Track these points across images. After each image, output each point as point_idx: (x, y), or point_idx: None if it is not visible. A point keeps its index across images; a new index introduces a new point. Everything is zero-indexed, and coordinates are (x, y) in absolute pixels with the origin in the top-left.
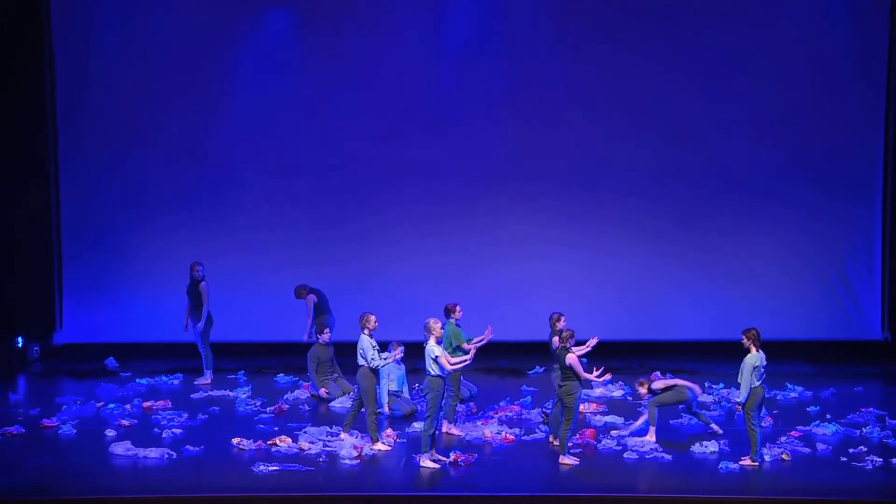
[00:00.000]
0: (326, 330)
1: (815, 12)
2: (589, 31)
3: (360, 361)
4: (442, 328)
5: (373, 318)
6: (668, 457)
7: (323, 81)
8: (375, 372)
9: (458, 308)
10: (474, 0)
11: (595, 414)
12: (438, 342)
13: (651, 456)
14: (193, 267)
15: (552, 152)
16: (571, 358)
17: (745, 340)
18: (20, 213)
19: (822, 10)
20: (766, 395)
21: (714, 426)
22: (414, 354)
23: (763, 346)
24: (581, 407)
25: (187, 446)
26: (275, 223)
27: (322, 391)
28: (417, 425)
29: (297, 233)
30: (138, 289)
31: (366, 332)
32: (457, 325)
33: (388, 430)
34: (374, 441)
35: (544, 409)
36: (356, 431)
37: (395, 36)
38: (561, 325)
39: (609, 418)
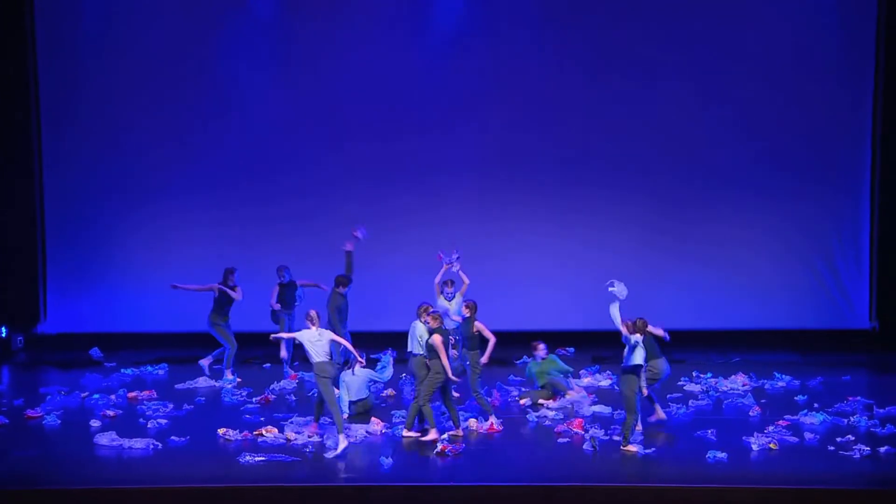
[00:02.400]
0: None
1: (804, 6)
2: (577, 28)
3: (417, 350)
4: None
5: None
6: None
7: (312, 74)
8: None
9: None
10: None
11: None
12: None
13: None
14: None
15: (541, 146)
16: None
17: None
18: (4, 203)
19: (811, 3)
20: (756, 384)
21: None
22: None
23: (751, 335)
24: (570, 393)
25: (173, 437)
26: (259, 214)
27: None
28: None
29: (283, 223)
30: (123, 279)
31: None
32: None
33: (377, 420)
34: (408, 428)
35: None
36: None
37: (386, 27)
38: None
39: (597, 408)
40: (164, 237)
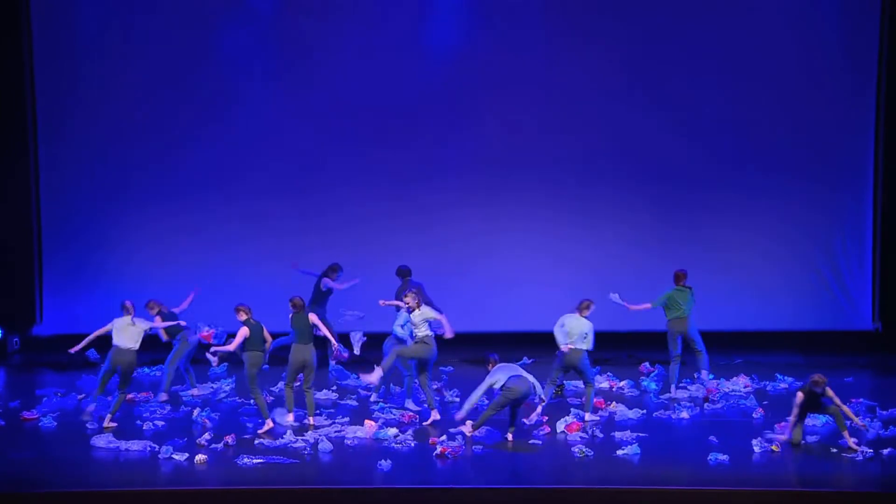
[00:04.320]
0: None
1: (804, 1)
2: (574, 26)
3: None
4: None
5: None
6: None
7: (311, 76)
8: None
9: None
10: None
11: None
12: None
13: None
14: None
15: (541, 147)
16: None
17: None
18: (0, 204)
19: None
20: (759, 386)
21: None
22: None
23: (753, 336)
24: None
25: (169, 439)
26: (257, 216)
27: None
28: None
29: (281, 225)
30: (119, 280)
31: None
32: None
33: (370, 422)
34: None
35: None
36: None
37: (387, 26)
38: None
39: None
40: (161, 238)
